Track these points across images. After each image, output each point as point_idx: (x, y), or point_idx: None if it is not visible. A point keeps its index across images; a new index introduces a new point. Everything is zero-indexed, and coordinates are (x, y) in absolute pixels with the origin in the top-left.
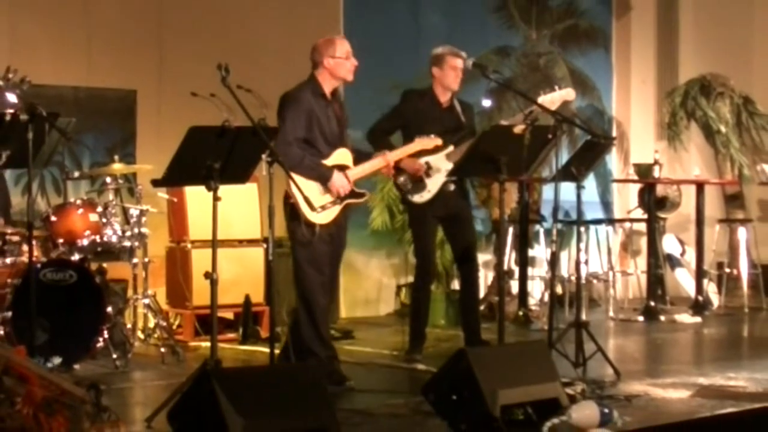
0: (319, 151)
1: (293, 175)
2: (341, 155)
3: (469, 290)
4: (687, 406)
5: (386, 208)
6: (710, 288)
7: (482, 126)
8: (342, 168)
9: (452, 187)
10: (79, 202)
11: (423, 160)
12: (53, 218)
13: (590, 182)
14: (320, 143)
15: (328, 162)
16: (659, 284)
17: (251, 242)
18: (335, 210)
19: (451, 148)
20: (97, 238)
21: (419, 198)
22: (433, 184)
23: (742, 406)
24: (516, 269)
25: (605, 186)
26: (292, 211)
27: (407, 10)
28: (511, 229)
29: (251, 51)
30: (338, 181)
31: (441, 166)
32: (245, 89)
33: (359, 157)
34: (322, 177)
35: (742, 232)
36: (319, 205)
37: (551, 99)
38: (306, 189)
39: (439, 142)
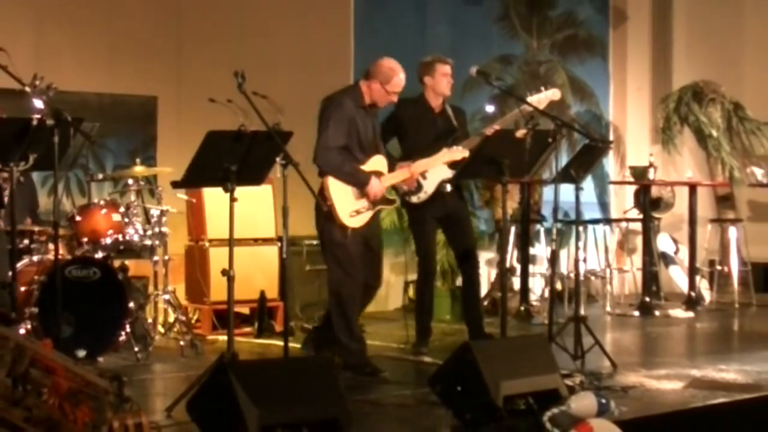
0: (355, 158)
1: (332, 178)
2: (377, 162)
3: (470, 287)
4: (680, 397)
5: (395, 209)
6: (702, 284)
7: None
8: (377, 174)
9: (449, 188)
10: (102, 202)
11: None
12: (78, 218)
13: (588, 184)
14: (356, 150)
15: (365, 168)
16: (654, 281)
17: (266, 241)
18: (368, 215)
19: (444, 150)
20: (120, 237)
21: (416, 199)
22: (429, 185)
23: (733, 396)
24: (518, 266)
25: (603, 187)
26: (327, 213)
27: (415, 21)
28: (513, 229)
29: (266, 59)
30: (375, 186)
31: (436, 168)
32: (260, 95)
33: (390, 165)
34: (360, 182)
35: (732, 232)
36: (353, 209)
37: (538, 99)
38: (341, 193)
39: (465, 153)
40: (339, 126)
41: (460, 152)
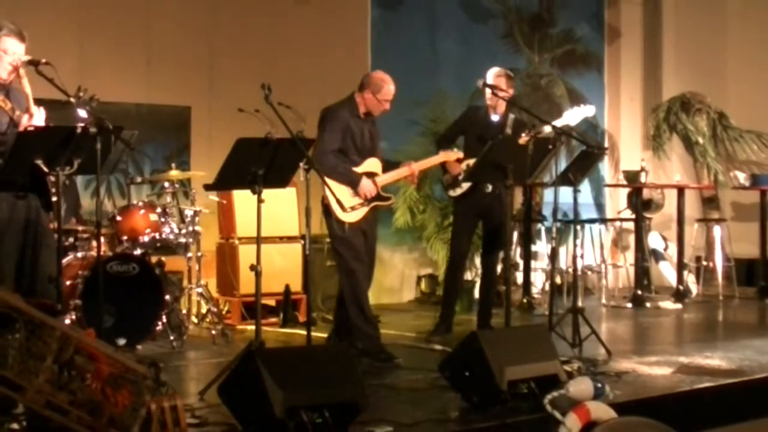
0: (352, 160)
1: (328, 179)
2: (371, 164)
3: (484, 282)
4: (669, 382)
5: (408, 209)
6: (690, 279)
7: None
8: (371, 175)
9: (490, 188)
10: (141, 203)
11: (465, 163)
12: (118, 218)
13: (585, 187)
14: (353, 153)
15: (360, 169)
16: (645, 275)
17: (291, 239)
18: (363, 211)
19: (441, 152)
20: (157, 235)
21: (453, 192)
22: (466, 182)
23: (718, 381)
24: (521, 262)
25: (598, 190)
26: (326, 210)
27: (426, 38)
28: (516, 228)
29: (291, 73)
30: (365, 185)
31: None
32: (285, 105)
33: (388, 167)
34: (352, 182)
35: (717, 230)
36: (349, 206)
37: (575, 114)
38: (339, 192)
39: (460, 155)
40: (333, 133)
41: (454, 154)
